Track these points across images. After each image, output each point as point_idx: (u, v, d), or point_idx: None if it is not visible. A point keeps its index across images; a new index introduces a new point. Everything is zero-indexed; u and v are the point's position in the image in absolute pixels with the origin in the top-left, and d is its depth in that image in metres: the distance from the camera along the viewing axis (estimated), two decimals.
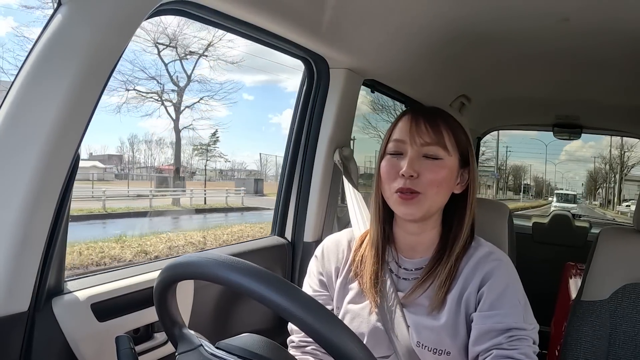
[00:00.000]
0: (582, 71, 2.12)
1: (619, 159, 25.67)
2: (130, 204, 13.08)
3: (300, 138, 1.76)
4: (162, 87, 13.47)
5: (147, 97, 13.52)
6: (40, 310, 0.95)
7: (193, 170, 18.07)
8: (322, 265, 1.22)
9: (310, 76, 1.72)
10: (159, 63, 14.58)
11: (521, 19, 1.58)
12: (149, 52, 13.34)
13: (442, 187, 1.07)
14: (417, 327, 1.06)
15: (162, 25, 12.38)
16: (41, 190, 0.87)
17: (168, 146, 18.07)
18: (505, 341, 0.98)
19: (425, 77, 2.07)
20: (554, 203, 23.96)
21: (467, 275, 1.07)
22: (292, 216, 1.78)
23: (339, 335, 0.69)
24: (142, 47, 12.94)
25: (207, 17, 1.21)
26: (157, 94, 13.57)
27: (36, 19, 10.53)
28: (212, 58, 13.77)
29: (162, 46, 12.80)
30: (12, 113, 0.87)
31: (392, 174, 1.07)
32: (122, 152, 20.29)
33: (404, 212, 1.07)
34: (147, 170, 19.78)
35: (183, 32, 12.79)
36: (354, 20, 1.46)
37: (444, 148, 1.07)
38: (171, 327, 0.90)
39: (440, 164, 1.06)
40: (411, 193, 1.05)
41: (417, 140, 1.06)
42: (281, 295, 0.70)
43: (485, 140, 3.67)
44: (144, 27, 12.27)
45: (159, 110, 13.78)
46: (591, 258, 1.50)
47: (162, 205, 14.03)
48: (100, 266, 6.65)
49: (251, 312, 1.54)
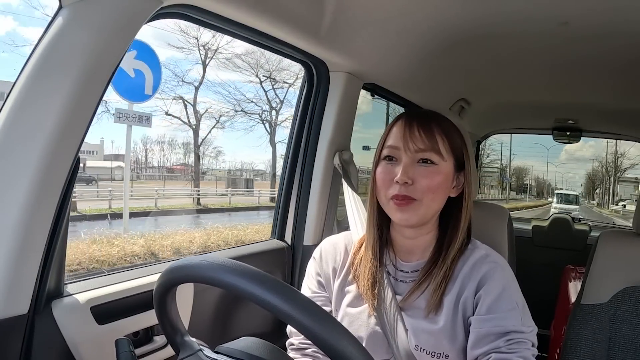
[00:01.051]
0: (582, 75, 2.12)
1: (613, 163, 26.02)
2: (220, 200, 16.22)
3: (300, 141, 1.76)
4: (261, 108, 17.08)
5: (251, 116, 17.26)
6: (40, 313, 0.95)
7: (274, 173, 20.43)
8: (320, 267, 1.22)
9: (310, 80, 1.73)
10: (260, 90, 18.87)
11: (521, 23, 1.58)
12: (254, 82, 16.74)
13: (437, 193, 1.07)
14: (416, 331, 1.06)
15: (263, 58, 15.59)
16: (41, 192, 0.87)
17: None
18: (503, 345, 0.98)
19: (425, 81, 2.07)
20: (554, 204, 22.90)
21: (464, 278, 1.07)
22: (292, 220, 1.77)
23: (338, 338, 0.69)
24: (248, 79, 16.96)
25: (208, 21, 1.21)
26: (258, 114, 17.17)
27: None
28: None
29: (263, 77, 16.32)
30: (13, 115, 0.87)
31: (387, 180, 1.07)
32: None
33: (399, 218, 1.07)
34: (228, 173, 22.31)
35: (279, 67, 15.97)
36: (353, 24, 1.46)
37: (438, 153, 1.06)
38: (171, 330, 0.90)
39: (434, 170, 1.06)
40: (407, 199, 1.05)
41: (410, 146, 1.06)
42: (280, 299, 0.70)
43: (490, 142, 3.69)
44: (248, 62, 15.52)
45: (256, 126, 17.35)
46: (591, 261, 1.50)
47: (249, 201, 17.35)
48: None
49: (251, 316, 1.54)
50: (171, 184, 18.18)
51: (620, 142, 23.64)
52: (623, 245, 1.50)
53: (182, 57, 16.08)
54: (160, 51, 18.96)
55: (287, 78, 16.87)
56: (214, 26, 1.26)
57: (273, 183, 17.71)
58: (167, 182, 18.56)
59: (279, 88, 17.09)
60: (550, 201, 26.39)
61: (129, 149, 11.42)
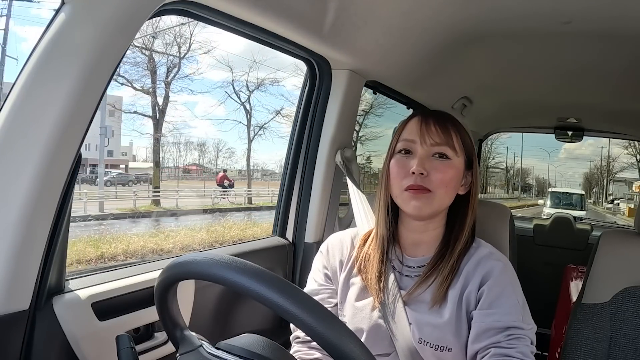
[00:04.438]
0: (584, 74, 2.11)
1: (606, 166, 26.25)
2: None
3: (302, 139, 1.76)
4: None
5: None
6: (41, 309, 0.95)
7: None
8: (326, 260, 1.24)
9: (312, 77, 1.72)
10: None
11: (523, 22, 1.58)
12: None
13: (450, 187, 1.10)
14: (419, 324, 1.08)
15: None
16: (43, 189, 0.88)
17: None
18: (504, 339, 1.00)
19: (427, 79, 2.07)
20: (547, 210, 15.55)
21: (468, 274, 1.09)
22: (294, 217, 1.78)
23: (339, 336, 0.69)
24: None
25: (210, 17, 1.21)
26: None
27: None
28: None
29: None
30: (15, 112, 0.87)
31: (402, 172, 1.10)
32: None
33: (414, 206, 1.09)
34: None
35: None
36: (356, 22, 1.46)
37: (453, 149, 1.10)
38: (172, 327, 0.90)
39: (448, 164, 1.09)
40: (422, 189, 1.07)
41: (427, 140, 1.10)
42: (281, 296, 0.70)
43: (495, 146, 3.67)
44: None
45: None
46: (592, 261, 1.50)
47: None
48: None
49: (252, 313, 1.54)
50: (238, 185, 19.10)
51: (612, 149, 24.10)
52: (624, 245, 1.49)
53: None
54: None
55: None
56: (216, 23, 1.26)
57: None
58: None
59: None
60: (539, 203, 20.81)
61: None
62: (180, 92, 15.08)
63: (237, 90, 15.87)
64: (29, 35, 15.00)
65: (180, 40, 14.08)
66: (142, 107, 14.36)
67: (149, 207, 12.62)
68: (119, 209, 11.74)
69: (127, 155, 19.70)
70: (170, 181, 17.84)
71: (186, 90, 15.59)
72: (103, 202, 11.59)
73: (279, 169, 18.89)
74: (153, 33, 13.18)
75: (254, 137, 16.18)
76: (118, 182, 15.16)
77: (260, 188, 17.89)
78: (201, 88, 22.81)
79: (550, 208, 15.43)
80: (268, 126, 16.48)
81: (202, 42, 14.68)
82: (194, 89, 18.10)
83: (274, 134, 17.13)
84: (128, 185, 15.42)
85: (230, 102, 17.05)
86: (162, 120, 14.34)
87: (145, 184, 15.93)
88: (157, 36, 13.39)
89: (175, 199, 14.13)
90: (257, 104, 17.95)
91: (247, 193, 16.09)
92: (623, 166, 25.43)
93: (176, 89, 14.66)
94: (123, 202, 12.54)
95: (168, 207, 13.16)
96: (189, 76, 14.95)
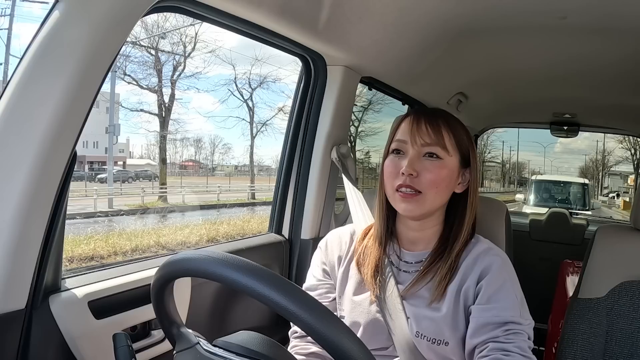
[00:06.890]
0: (580, 69, 2.12)
1: (601, 161, 26.32)
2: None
3: (297, 135, 1.76)
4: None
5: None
6: (37, 308, 0.95)
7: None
8: (325, 255, 1.25)
9: (307, 73, 1.72)
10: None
11: (519, 18, 1.58)
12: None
13: (441, 187, 1.10)
14: (417, 318, 1.09)
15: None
16: (38, 188, 0.87)
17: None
18: (501, 334, 1.00)
19: (423, 75, 2.07)
20: (528, 210, 9.05)
21: (467, 269, 1.10)
22: (290, 213, 1.77)
23: (335, 333, 0.69)
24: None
25: (204, 14, 1.21)
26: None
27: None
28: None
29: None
30: (10, 109, 0.86)
31: (393, 172, 1.11)
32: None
33: (404, 209, 1.10)
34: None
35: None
36: (351, 18, 1.46)
37: (444, 148, 1.10)
38: (169, 324, 0.90)
39: (439, 164, 1.09)
40: (412, 191, 1.08)
41: (417, 140, 1.10)
42: (278, 293, 0.70)
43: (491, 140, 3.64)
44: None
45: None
46: (588, 256, 1.50)
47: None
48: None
49: (248, 310, 1.55)
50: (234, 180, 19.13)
51: (607, 143, 24.17)
52: (620, 239, 1.50)
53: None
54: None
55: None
56: (209, 19, 1.25)
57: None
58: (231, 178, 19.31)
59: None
60: (516, 199, 13.36)
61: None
62: (187, 90, 15.11)
63: (239, 87, 15.86)
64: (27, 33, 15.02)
65: (186, 40, 14.15)
66: (143, 104, 14.44)
67: (157, 202, 12.68)
68: (127, 205, 11.79)
69: (124, 152, 19.67)
70: (169, 177, 18.02)
71: (192, 88, 15.54)
72: (112, 199, 11.62)
73: (275, 165, 19.07)
74: (161, 33, 13.23)
75: (256, 134, 16.27)
76: (117, 179, 15.13)
77: (261, 184, 17.98)
78: (206, 86, 22.74)
79: (533, 207, 9.87)
80: (270, 123, 16.55)
81: (206, 40, 14.71)
82: (200, 87, 18.17)
83: (276, 131, 17.19)
84: (128, 182, 15.38)
85: (233, 99, 17.06)
86: (168, 118, 14.40)
87: (144, 180, 15.94)
88: (165, 36, 13.45)
89: (181, 195, 14.26)
90: (259, 101, 17.85)
91: (250, 188, 16.24)
92: (618, 160, 25.52)
93: (183, 86, 14.74)
94: (129, 199, 12.63)
95: (175, 202, 13.25)
96: (195, 75, 14.88)
